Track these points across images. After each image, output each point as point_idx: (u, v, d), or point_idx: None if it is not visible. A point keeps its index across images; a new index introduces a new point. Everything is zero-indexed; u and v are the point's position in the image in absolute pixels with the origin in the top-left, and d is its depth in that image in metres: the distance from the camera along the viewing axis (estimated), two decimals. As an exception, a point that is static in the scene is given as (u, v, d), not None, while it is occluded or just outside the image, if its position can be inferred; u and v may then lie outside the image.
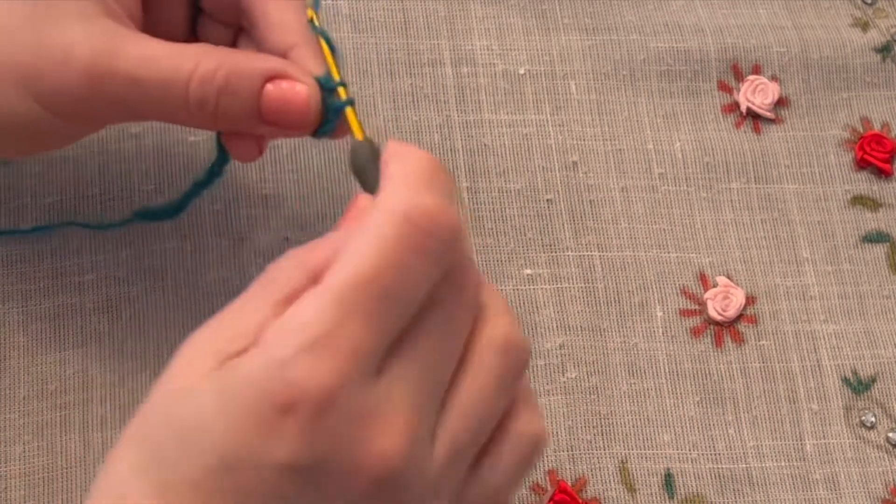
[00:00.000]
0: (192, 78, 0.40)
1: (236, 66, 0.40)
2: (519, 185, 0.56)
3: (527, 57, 0.59)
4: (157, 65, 0.40)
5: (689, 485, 0.53)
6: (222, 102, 0.40)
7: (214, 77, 0.40)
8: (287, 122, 0.41)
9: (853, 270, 0.58)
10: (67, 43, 0.40)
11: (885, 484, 0.54)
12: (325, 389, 0.32)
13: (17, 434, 0.47)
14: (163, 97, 0.40)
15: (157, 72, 0.40)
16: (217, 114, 0.41)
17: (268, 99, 0.41)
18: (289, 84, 0.41)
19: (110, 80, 0.40)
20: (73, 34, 0.40)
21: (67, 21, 0.40)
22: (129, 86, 0.40)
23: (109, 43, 0.40)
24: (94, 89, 0.40)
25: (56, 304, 0.49)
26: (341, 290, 0.32)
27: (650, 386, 0.54)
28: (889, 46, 0.62)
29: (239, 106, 0.41)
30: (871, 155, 0.60)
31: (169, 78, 0.40)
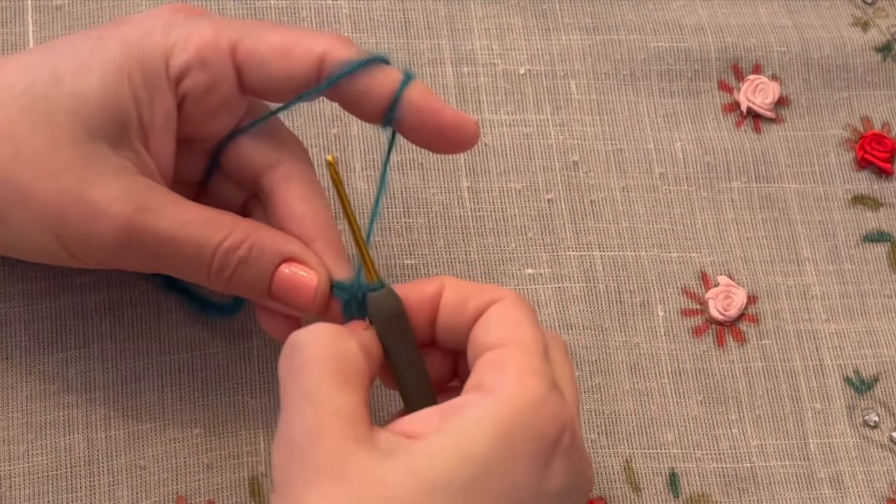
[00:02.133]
0: (221, 246, 0.42)
1: (260, 241, 0.43)
2: (520, 185, 0.56)
3: (527, 57, 0.59)
4: (194, 229, 0.41)
5: (694, 484, 0.52)
6: (238, 272, 0.43)
7: (240, 247, 0.42)
8: (293, 303, 0.44)
9: (854, 270, 0.58)
10: (106, 197, 0.40)
11: (889, 483, 0.54)
12: (573, 416, 0.40)
13: (20, 433, 0.47)
14: (190, 259, 0.42)
15: (193, 236, 0.41)
16: (232, 280, 0.43)
17: (279, 278, 0.43)
18: (301, 270, 0.43)
19: (145, 237, 0.41)
20: (112, 188, 0.40)
21: (106, 175, 0.41)
22: (162, 245, 0.41)
23: (149, 203, 0.41)
24: (126, 245, 0.41)
25: (58, 305, 0.48)
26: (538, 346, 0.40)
27: (653, 385, 0.54)
28: (889, 46, 0.62)
29: (252, 277, 0.43)
30: (871, 154, 0.60)
31: (202, 243, 0.42)
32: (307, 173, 0.46)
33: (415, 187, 0.55)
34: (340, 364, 0.39)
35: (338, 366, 0.38)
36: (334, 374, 0.38)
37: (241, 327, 0.50)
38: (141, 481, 0.47)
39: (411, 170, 0.55)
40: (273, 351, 0.50)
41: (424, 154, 0.56)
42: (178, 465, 0.48)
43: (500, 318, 0.41)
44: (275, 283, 0.43)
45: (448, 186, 0.56)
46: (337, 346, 0.39)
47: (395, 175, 0.55)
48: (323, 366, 0.38)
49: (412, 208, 0.55)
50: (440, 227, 0.55)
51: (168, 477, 0.48)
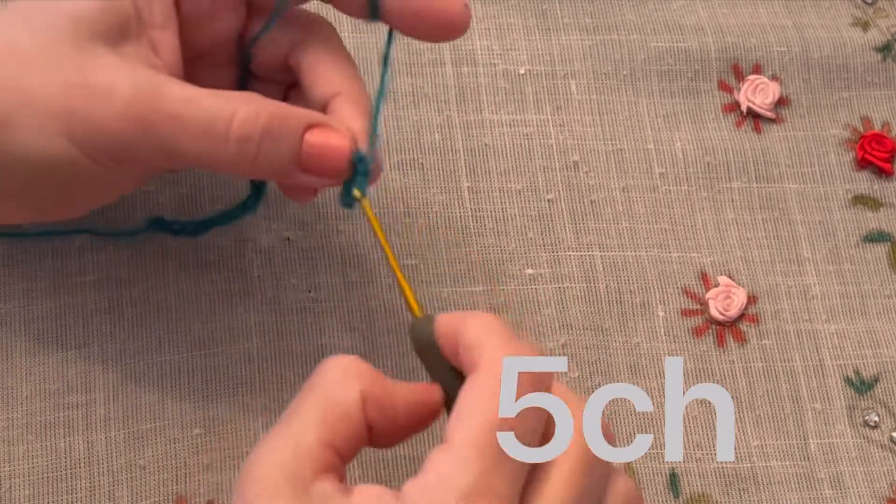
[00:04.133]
0: (235, 117, 0.40)
1: (278, 111, 0.41)
2: (520, 185, 0.56)
3: (527, 57, 0.59)
4: (200, 103, 0.40)
5: (694, 484, 0.52)
6: (265, 144, 0.40)
7: (257, 119, 0.40)
8: (325, 170, 0.42)
9: (854, 270, 0.58)
10: (109, 80, 0.40)
11: (889, 483, 0.54)
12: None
13: (20, 434, 0.47)
14: (205, 135, 0.40)
15: (200, 110, 0.40)
16: (259, 155, 0.41)
17: (309, 144, 0.41)
18: (329, 132, 0.42)
19: (152, 116, 0.39)
20: (116, 73, 0.40)
21: (109, 61, 0.40)
22: (171, 123, 0.40)
23: (152, 83, 0.40)
24: (135, 127, 0.39)
25: (58, 305, 0.48)
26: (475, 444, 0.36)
27: (653, 385, 0.54)
28: (889, 46, 0.62)
29: (281, 150, 0.41)
30: (871, 154, 0.60)
31: (212, 116, 0.40)
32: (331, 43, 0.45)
33: (415, 187, 0.55)
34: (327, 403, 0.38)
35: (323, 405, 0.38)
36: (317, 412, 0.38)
37: (240, 327, 0.50)
38: (141, 481, 0.47)
39: (411, 170, 0.55)
40: (273, 351, 0.50)
41: (425, 154, 0.56)
42: (178, 465, 0.48)
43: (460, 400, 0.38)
44: (304, 151, 0.41)
45: (448, 186, 0.56)
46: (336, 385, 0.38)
47: (395, 175, 0.55)
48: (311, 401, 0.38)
49: (412, 208, 0.55)
50: (440, 228, 0.55)
51: (168, 477, 0.48)
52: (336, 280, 0.52)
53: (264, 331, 0.51)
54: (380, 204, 0.54)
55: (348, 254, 0.53)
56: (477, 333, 0.39)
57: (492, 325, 0.39)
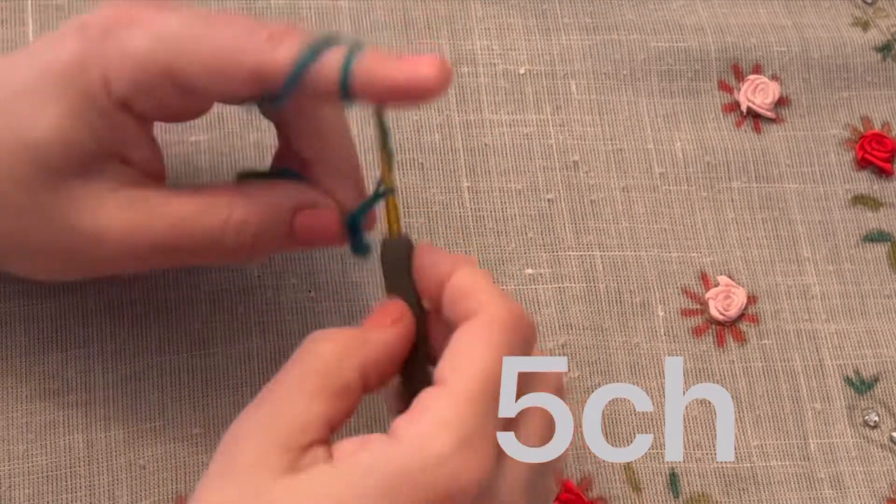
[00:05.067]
0: (226, 231, 0.42)
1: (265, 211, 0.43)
2: (520, 185, 0.56)
3: (527, 57, 0.59)
4: (189, 228, 0.41)
5: (694, 484, 0.52)
6: (258, 245, 0.43)
7: (247, 230, 0.42)
8: (319, 243, 0.45)
9: (854, 270, 0.58)
10: (97, 223, 0.41)
11: (889, 483, 0.54)
12: (480, 480, 0.36)
13: (20, 433, 0.47)
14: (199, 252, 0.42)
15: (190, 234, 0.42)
16: (254, 252, 0.43)
17: (299, 228, 0.43)
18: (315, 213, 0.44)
19: (143, 251, 0.41)
20: (101, 213, 0.41)
21: (92, 202, 0.41)
22: (163, 249, 0.41)
23: (139, 214, 0.41)
24: (130, 257, 0.41)
25: (58, 305, 0.48)
26: (474, 391, 0.37)
27: (653, 385, 0.54)
28: (889, 45, 0.62)
29: (274, 242, 0.43)
30: (871, 154, 0.60)
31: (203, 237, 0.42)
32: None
33: (415, 187, 0.55)
34: (326, 380, 0.38)
35: (322, 381, 0.38)
36: (312, 383, 0.38)
37: (241, 327, 0.50)
38: (141, 481, 0.47)
39: (411, 170, 0.55)
40: (273, 351, 0.50)
41: (425, 154, 0.56)
42: (177, 465, 0.48)
43: (455, 343, 0.39)
44: (297, 234, 0.43)
45: (448, 186, 0.56)
46: (334, 364, 0.39)
47: (394, 175, 0.55)
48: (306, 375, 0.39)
49: (412, 208, 0.55)
50: (440, 227, 0.55)
51: (168, 477, 0.48)
52: (336, 280, 0.52)
53: (264, 331, 0.51)
54: (380, 204, 0.54)
55: (348, 254, 0.53)
56: (470, 282, 0.40)
57: (484, 277, 0.41)
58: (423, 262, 0.42)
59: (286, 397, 0.38)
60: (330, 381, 0.38)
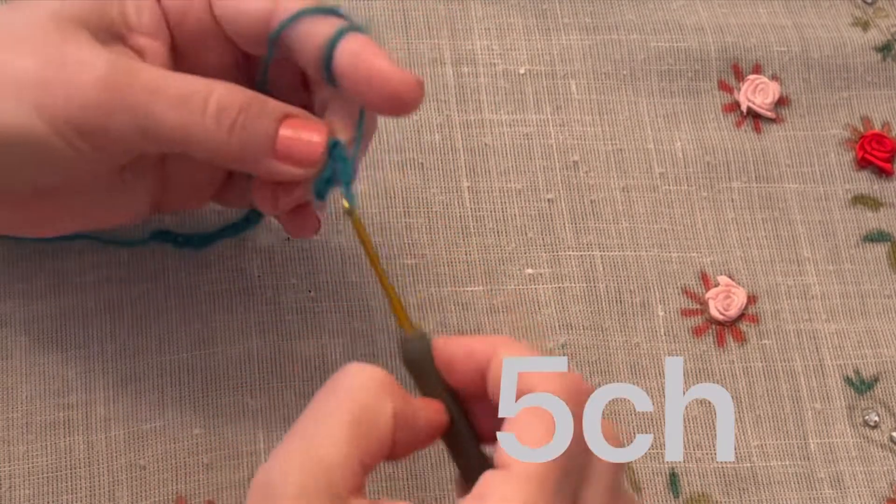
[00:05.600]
0: (213, 92, 0.40)
1: (256, 95, 0.41)
2: (520, 185, 0.56)
3: (527, 57, 0.59)
4: (178, 78, 0.40)
5: (694, 484, 0.52)
6: (241, 120, 0.40)
7: (235, 96, 0.40)
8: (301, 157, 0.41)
9: (854, 270, 0.58)
10: (86, 56, 0.39)
11: (889, 483, 0.54)
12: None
13: (20, 433, 0.47)
14: (182, 106, 0.39)
15: (178, 82, 0.40)
16: (235, 129, 0.40)
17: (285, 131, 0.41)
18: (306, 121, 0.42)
19: (128, 88, 0.39)
20: (94, 51, 0.39)
21: (90, 44, 0.40)
22: (147, 94, 0.39)
23: (127, 61, 0.40)
24: (109, 97, 0.39)
25: (58, 305, 0.48)
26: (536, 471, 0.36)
27: (653, 385, 0.54)
28: (889, 45, 0.62)
29: (257, 130, 0.40)
30: (871, 154, 0.60)
31: (190, 89, 0.40)
32: None
33: (415, 187, 0.55)
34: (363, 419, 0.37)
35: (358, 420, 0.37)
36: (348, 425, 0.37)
37: (241, 327, 0.50)
38: (141, 481, 0.47)
39: (411, 170, 0.55)
40: (273, 351, 0.50)
41: (425, 154, 0.56)
42: (178, 465, 0.48)
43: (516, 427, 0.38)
44: (280, 136, 0.41)
45: (448, 186, 0.56)
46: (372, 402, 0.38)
47: (395, 175, 0.55)
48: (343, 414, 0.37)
49: (412, 208, 0.55)
50: (440, 227, 0.55)
51: (168, 477, 0.48)
52: (336, 280, 0.52)
53: (264, 331, 0.51)
54: (380, 204, 0.54)
55: (348, 254, 0.53)
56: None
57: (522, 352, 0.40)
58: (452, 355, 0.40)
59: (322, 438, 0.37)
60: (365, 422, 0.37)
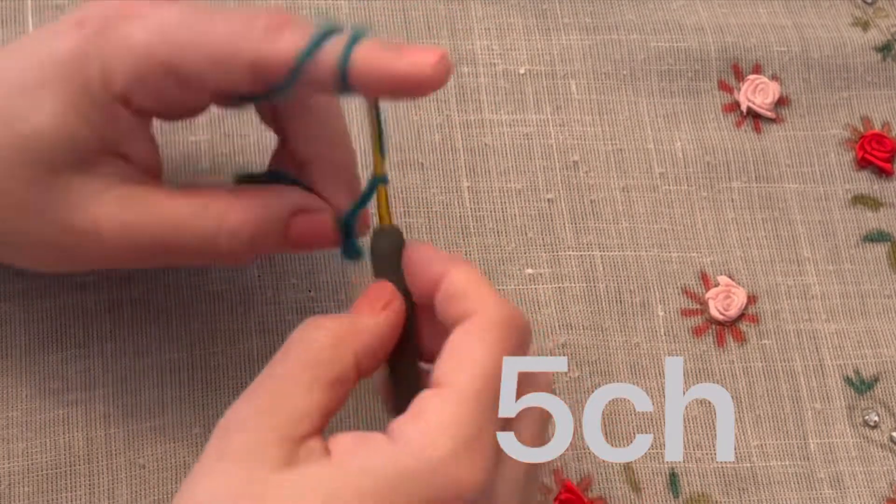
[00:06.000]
0: (220, 235, 0.41)
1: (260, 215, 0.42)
2: (520, 185, 0.56)
3: (527, 57, 0.59)
4: (184, 228, 0.41)
5: (694, 484, 0.52)
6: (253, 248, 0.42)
7: (242, 234, 0.42)
8: (314, 247, 0.44)
9: (854, 270, 0.58)
10: (94, 219, 0.41)
11: (889, 483, 0.54)
12: (480, 482, 0.36)
13: (19, 432, 0.47)
14: (194, 253, 0.42)
15: (185, 234, 0.41)
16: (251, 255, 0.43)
17: (294, 233, 0.43)
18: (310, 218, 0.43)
19: (138, 248, 0.41)
20: (98, 209, 0.41)
21: (89, 198, 0.41)
22: (158, 247, 0.41)
23: (136, 210, 0.41)
24: (125, 252, 0.41)
25: (58, 304, 0.48)
26: (473, 393, 0.37)
27: (653, 385, 0.54)
28: (889, 45, 0.62)
29: (269, 245, 0.43)
30: (871, 154, 0.60)
31: (197, 238, 0.41)
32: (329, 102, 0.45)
33: (415, 187, 0.55)
34: (322, 369, 0.38)
35: (318, 370, 0.38)
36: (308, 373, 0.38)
37: (241, 327, 0.50)
38: (140, 480, 0.47)
39: (411, 170, 0.55)
40: (273, 351, 0.50)
41: (424, 154, 0.56)
42: (177, 465, 0.48)
43: (453, 344, 0.39)
44: (291, 238, 0.43)
45: (448, 186, 0.56)
46: (329, 352, 0.39)
47: (395, 175, 0.55)
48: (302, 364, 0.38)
49: (412, 208, 0.55)
50: (440, 227, 0.55)
51: (167, 476, 0.48)
52: (336, 280, 0.52)
53: (264, 331, 0.51)
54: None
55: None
56: (465, 282, 0.40)
57: (479, 277, 0.41)
58: (415, 258, 0.42)
59: (282, 387, 0.38)
60: (326, 371, 0.38)
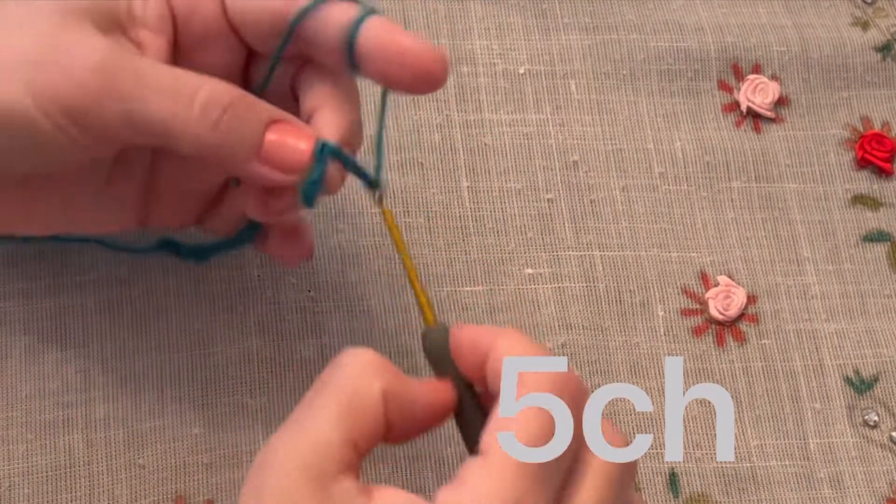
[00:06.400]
0: (203, 87, 0.39)
1: (246, 95, 0.40)
2: (520, 185, 0.56)
3: (527, 56, 0.59)
4: (169, 69, 0.40)
5: (694, 484, 0.52)
6: (228, 117, 0.40)
7: (223, 94, 0.40)
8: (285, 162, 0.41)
9: (854, 270, 0.58)
10: (80, 40, 0.39)
11: (889, 483, 0.54)
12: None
13: (19, 433, 0.47)
14: (170, 97, 0.39)
15: (168, 74, 0.40)
16: (221, 124, 0.40)
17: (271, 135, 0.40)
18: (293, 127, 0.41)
19: (119, 73, 0.39)
20: (88, 36, 0.39)
21: (89, 31, 0.40)
22: (137, 81, 0.39)
23: (122, 50, 0.40)
24: (99, 81, 0.39)
25: (57, 304, 0.48)
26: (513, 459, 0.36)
27: (652, 385, 0.54)
28: (889, 45, 0.62)
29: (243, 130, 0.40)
30: (871, 154, 0.60)
31: (180, 82, 0.39)
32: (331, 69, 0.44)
33: (415, 187, 0.55)
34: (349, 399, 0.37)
35: (345, 400, 0.37)
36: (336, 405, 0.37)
37: (240, 327, 0.50)
38: (140, 480, 0.47)
39: (411, 170, 0.55)
40: (273, 351, 0.50)
41: (424, 154, 0.56)
42: (177, 465, 0.48)
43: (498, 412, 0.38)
44: (266, 140, 0.40)
45: (448, 186, 0.56)
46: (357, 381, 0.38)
47: (394, 175, 0.55)
48: (331, 395, 0.38)
49: (412, 208, 0.55)
50: (440, 227, 0.55)
51: (167, 476, 0.48)
52: (336, 280, 0.52)
53: (264, 331, 0.51)
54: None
55: (348, 253, 0.53)
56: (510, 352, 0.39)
57: (526, 343, 0.39)
58: (460, 344, 0.41)
59: (311, 420, 0.37)
60: (351, 401, 0.37)
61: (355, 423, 0.37)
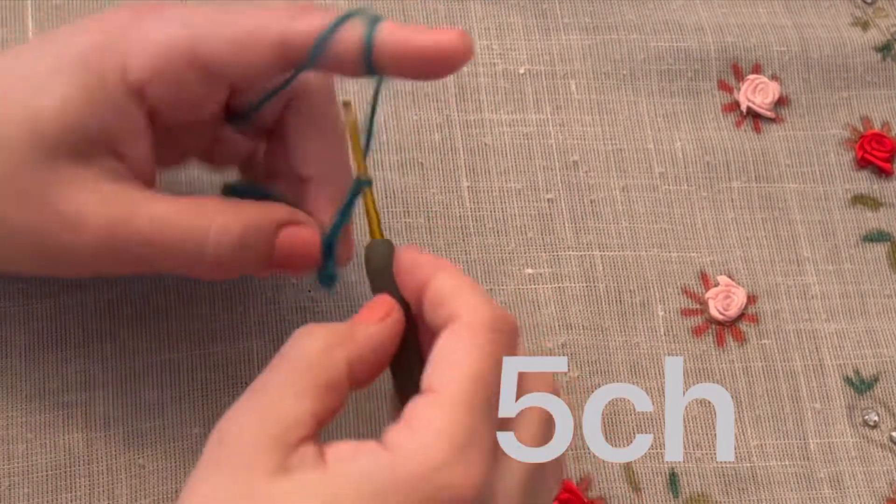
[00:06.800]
0: (209, 238, 0.41)
1: (251, 222, 0.42)
2: (520, 185, 0.56)
3: (527, 56, 0.59)
4: (172, 225, 0.41)
5: (694, 484, 0.52)
6: (239, 256, 0.41)
7: (231, 235, 0.41)
8: (296, 265, 0.43)
9: (854, 270, 0.58)
10: (77, 209, 0.40)
11: (889, 483, 0.54)
12: (478, 485, 0.36)
13: (19, 432, 0.47)
14: (179, 256, 0.41)
15: (173, 231, 0.41)
16: (234, 266, 0.42)
17: (280, 247, 0.42)
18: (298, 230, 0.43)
19: (124, 244, 0.40)
20: (86, 200, 0.40)
21: (78, 188, 0.40)
22: (143, 248, 0.40)
23: (123, 208, 0.40)
24: (106, 251, 0.40)
25: (58, 304, 0.48)
26: (463, 397, 0.37)
27: (653, 385, 0.54)
28: (889, 45, 0.62)
29: (255, 256, 0.42)
30: (871, 154, 0.60)
31: (184, 238, 0.41)
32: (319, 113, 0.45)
33: (415, 187, 0.55)
34: (313, 375, 0.38)
35: (309, 376, 0.38)
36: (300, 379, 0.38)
37: (240, 327, 0.50)
38: (140, 480, 0.47)
39: (411, 170, 0.55)
40: (273, 351, 0.50)
41: (424, 154, 0.56)
42: (177, 465, 0.48)
43: (440, 349, 0.39)
44: (277, 253, 0.43)
45: (448, 186, 0.56)
46: (320, 358, 0.39)
47: (394, 175, 0.55)
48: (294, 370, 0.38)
49: (412, 208, 0.55)
50: (440, 227, 0.55)
51: (167, 476, 0.48)
52: (336, 280, 0.52)
53: (264, 331, 0.51)
54: (379, 204, 0.54)
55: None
56: (450, 286, 0.40)
57: (462, 281, 0.40)
58: (403, 267, 0.42)
59: (275, 393, 0.38)
60: (317, 377, 0.38)
61: (322, 399, 0.38)
